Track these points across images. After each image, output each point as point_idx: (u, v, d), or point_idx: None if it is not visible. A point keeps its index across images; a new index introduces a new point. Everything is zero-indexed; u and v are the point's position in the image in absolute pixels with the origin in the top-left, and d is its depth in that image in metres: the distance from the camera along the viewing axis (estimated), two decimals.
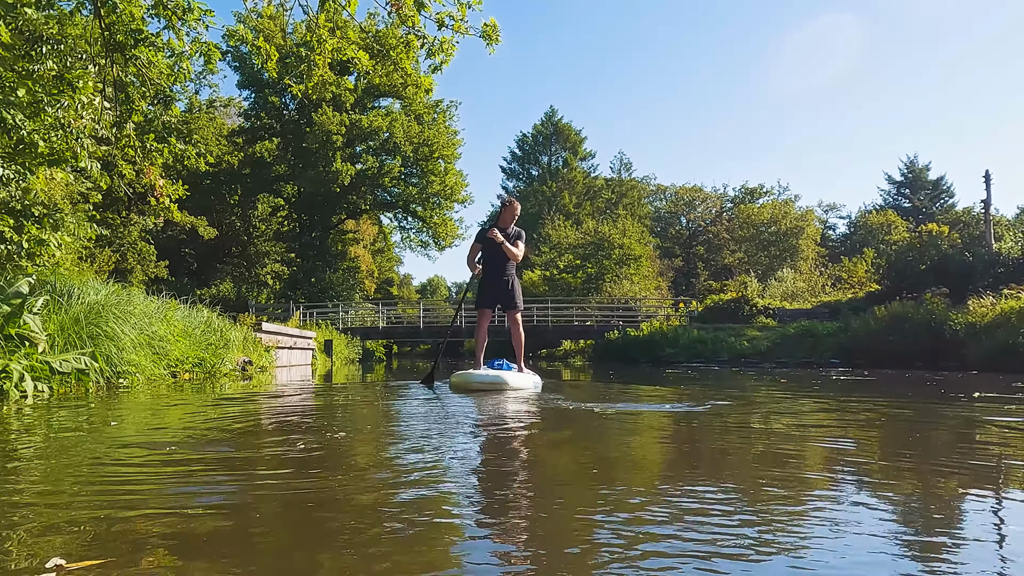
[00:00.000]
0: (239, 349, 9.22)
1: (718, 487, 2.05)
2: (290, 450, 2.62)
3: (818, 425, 3.73)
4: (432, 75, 6.84)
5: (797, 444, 3.01)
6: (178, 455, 2.44)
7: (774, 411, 4.36)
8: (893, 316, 12.91)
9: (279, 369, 11.76)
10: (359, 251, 46.65)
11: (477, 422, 3.70)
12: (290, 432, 3.18)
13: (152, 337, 5.98)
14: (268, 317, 27.29)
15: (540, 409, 4.36)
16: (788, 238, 49.52)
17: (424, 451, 2.66)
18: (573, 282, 35.93)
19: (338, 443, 2.87)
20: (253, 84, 32.24)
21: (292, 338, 13.37)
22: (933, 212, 58.10)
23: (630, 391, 6.43)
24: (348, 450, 2.73)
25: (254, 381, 8.02)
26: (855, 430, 3.50)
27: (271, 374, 10.04)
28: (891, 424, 3.81)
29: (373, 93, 30.78)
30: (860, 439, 3.15)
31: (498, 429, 3.48)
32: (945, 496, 1.99)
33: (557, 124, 58.13)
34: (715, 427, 3.57)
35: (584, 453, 2.79)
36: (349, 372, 14.33)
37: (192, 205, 34.98)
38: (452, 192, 30.94)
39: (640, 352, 21.16)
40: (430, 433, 3.18)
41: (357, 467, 2.36)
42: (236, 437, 3.04)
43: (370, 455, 2.64)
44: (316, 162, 28.99)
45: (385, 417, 4.08)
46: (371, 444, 2.95)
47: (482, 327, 6.61)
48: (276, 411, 4.27)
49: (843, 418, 4.07)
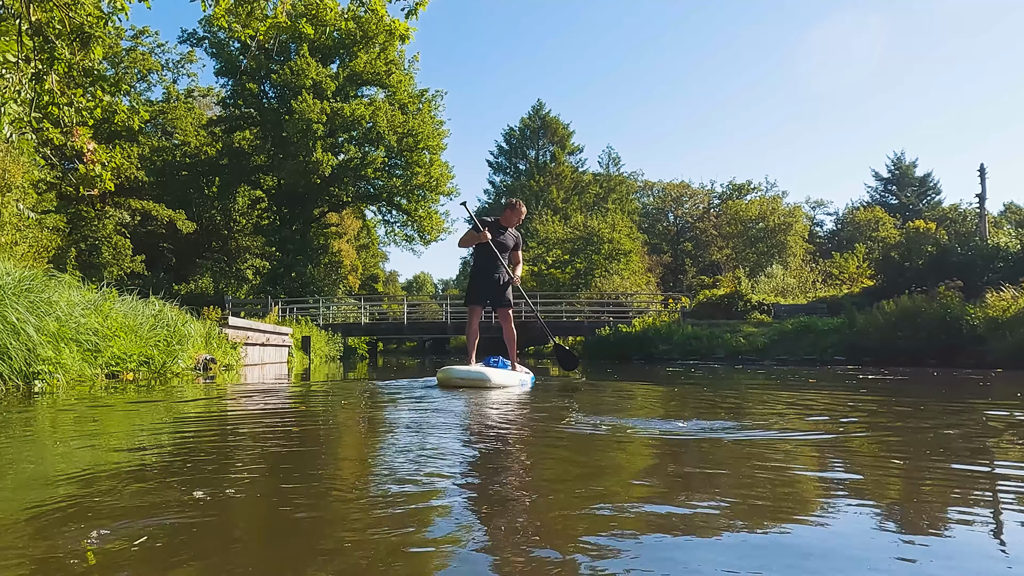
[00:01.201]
0: (201, 346, 8.33)
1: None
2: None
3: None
4: (408, 20, 6.00)
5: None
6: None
7: (939, 431, 3.16)
8: (903, 311, 12.25)
9: (249, 368, 10.87)
10: (342, 245, 45.57)
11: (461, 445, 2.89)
12: (186, 471, 2.15)
13: (81, 331, 5.11)
14: (246, 313, 26.32)
15: (543, 431, 3.54)
16: (776, 234, 49.22)
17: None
18: (562, 278, 35.18)
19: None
20: (231, 72, 31.14)
21: (265, 334, 12.46)
22: (920, 209, 58.14)
23: (652, 399, 5.61)
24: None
25: (217, 381, 7.18)
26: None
27: (238, 373, 9.19)
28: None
29: (356, 81, 29.73)
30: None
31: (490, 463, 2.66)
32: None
33: (545, 118, 57.33)
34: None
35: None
36: (329, 370, 13.53)
37: (170, 198, 33.93)
38: (437, 184, 29.97)
39: (633, 349, 20.44)
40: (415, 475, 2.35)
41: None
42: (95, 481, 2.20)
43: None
44: (296, 152, 27.94)
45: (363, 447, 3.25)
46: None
47: (473, 323, 6.52)
48: (202, 423, 3.43)
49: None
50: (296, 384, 7.34)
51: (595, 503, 1.69)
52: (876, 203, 59.92)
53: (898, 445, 2.81)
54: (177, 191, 32.22)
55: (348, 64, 29.71)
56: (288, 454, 2.53)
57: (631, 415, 3.85)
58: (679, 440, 2.78)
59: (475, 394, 5.11)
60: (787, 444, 2.72)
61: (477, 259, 6.53)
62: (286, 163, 28.22)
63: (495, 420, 3.60)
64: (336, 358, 23.38)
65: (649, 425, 3.31)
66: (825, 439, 2.88)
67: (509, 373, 6.21)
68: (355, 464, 2.44)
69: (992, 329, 10.50)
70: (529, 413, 4.07)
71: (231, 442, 2.85)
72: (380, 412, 4.08)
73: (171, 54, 31.82)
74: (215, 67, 31.57)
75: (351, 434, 3.29)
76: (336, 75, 29.04)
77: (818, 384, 6.80)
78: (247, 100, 31.17)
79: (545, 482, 2.07)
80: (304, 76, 27.27)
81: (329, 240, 36.21)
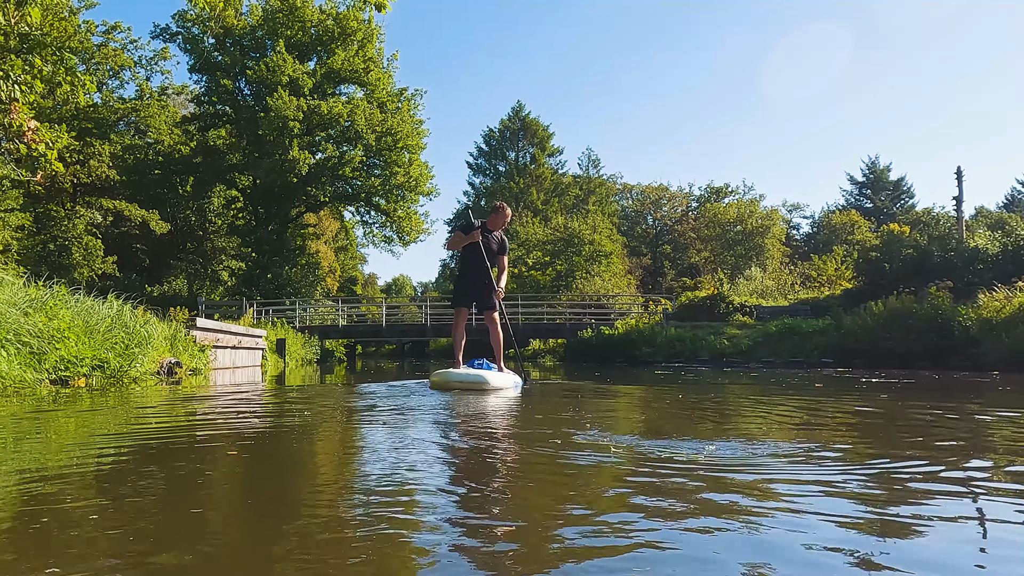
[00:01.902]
0: (165, 349, 7.82)
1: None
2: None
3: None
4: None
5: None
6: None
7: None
8: (892, 313, 12.08)
9: (220, 371, 10.35)
10: (320, 247, 44.79)
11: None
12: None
13: (21, 332, 4.61)
14: (220, 315, 25.59)
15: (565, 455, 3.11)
16: (754, 237, 49.51)
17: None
18: (542, 279, 34.89)
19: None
20: (205, 68, 30.35)
21: (236, 336, 11.91)
22: (894, 212, 58.88)
23: (676, 409, 5.22)
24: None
25: (184, 385, 6.71)
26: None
27: (207, 377, 8.70)
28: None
29: (333, 78, 29.09)
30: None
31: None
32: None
33: (524, 119, 57.03)
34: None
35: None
36: (306, 373, 13.09)
37: (144, 198, 33.01)
38: (417, 184, 29.42)
39: (616, 351, 20.17)
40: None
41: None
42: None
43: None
44: (272, 150, 27.24)
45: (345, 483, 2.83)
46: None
47: (459, 325, 6.52)
48: (123, 440, 3.00)
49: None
50: (269, 389, 6.89)
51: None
52: (851, 207, 60.61)
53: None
54: (150, 190, 31.37)
55: (325, 61, 29.10)
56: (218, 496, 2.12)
57: (664, 434, 3.15)
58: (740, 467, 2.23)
59: (479, 400, 4.89)
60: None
61: (464, 261, 6.50)
62: (262, 162, 27.52)
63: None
64: (313, 361, 22.81)
65: (690, 448, 2.57)
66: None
67: (505, 376, 6.21)
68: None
69: (986, 331, 10.33)
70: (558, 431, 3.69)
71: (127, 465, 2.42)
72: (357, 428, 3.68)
73: (144, 51, 30.96)
74: (188, 63, 30.75)
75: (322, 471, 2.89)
76: (313, 72, 28.40)
77: (828, 390, 6.49)
78: (221, 97, 30.41)
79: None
80: (280, 72, 26.62)
81: (306, 241, 35.48)
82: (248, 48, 29.53)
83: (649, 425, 3.74)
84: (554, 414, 4.11)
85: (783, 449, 2.57)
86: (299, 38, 29.09)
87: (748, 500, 1.74)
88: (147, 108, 31.65)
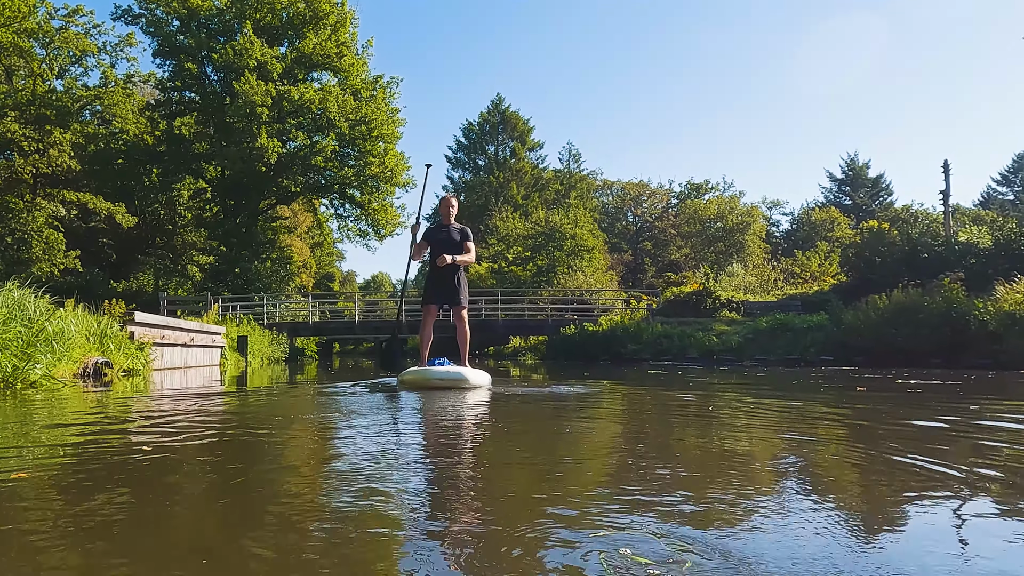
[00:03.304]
0: (91, 347, 6.75)
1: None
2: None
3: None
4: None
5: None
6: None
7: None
8: (899, 307, 11.32)
9: (167, 372, 9.29)
10: (294, 241, 43.35)
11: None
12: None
13: None
14: (183, 311, 24.29)
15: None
16: (734, 234, 49.24)
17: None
18: (523, 275, 33.97)
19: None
20: (169, 52, 28.88)
21: (188, 333, 10.79)
22: (873, 209, 59.03)
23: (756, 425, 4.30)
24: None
25: (113, 390, 5.70)
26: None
27: (145, 379, 7.67)
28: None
29: (304, 64, 27.75)
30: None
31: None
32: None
33: (504, 112, 56.01)
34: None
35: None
36: (274, 373, 12.14)
37: (110, 191, 31.46)
38: (393, 175, 28.23)
39: (599, 349, 19.33)
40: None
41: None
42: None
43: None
44: (239, 138, 25.91)
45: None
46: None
47: (427, 324, 6.55)
48: None
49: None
50: (214, 392, 5.87)
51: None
52: (831, 203, 60.75)
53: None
54: (114, 181, 29.87)
55: (296, 46, 27.80)
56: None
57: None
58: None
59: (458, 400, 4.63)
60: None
61: (432, 259, 6.48)
62: (229, 150, 26.16)
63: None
64: (281, 360, 21.66)
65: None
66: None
67: (480, 373, 6.30)
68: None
69: (1008, 325, 9.59)
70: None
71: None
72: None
73: (109, 36, 29.42)
74: (153, 47, 29.24)
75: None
76: (283, 56, 27.06)
77: (875, 394, 5.63)
78: (187, 82, 28.98)
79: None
80: (248, 56, 25.28)
81: (278, 235, 34.09)
82: (215, 31, 28.13)
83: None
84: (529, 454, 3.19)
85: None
86: (268, 21, 27.74)
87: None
88: (111, 96, 30.12)
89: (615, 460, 2.53)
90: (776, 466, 2.38)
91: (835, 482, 2.15)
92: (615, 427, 3.69)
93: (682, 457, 2.57)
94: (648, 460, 2.45)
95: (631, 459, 2.49)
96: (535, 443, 2.96)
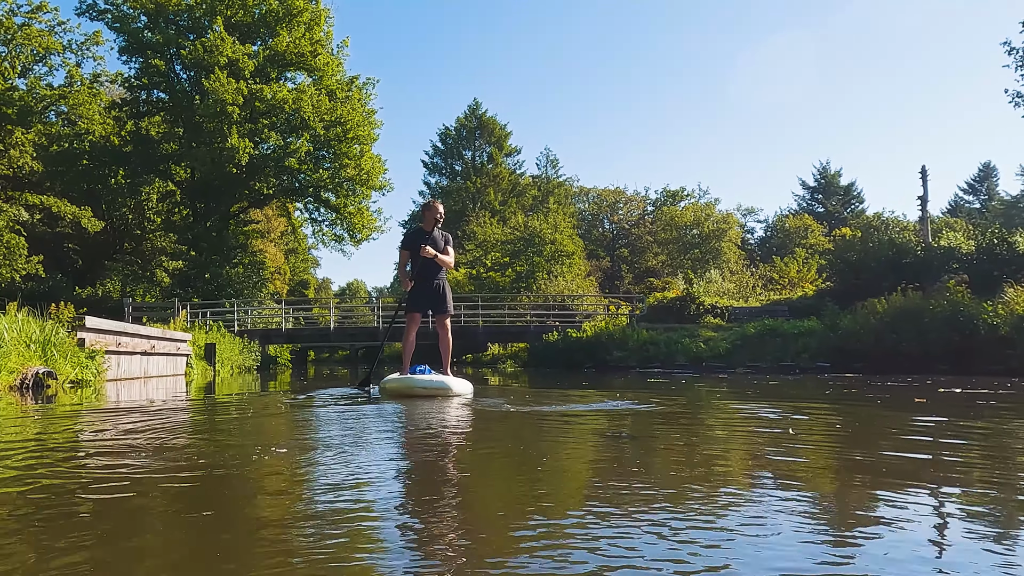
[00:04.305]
0: (33, 355, 6.00)
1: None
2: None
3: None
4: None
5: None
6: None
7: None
8: (900, 311, 10.95)
9: (124, 383, 8.51)
10: (268, 247, 42.20)
11: None
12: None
13: None
14: (148, 318, 23.22)
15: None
16: (710, 240, 49.28)
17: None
18: (501, 281, 33.39)
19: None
20: (137, 50, 27.80)
21: (149, 340, 9.99)
22: (845, 217, 59.63)
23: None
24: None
25: (58, 402, 4.99)
26: None
27: (98, 390, 6.92)
28: None
29: (278, 62, 26.84)
30: None
31: None
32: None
33: (481, 118, 55.52)
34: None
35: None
36: (245, 382, 11.46)
37: (76, 194, 30.16)
38: (369, 178, 27.43)
39: (584, 356, 18.79)
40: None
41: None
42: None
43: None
44: (209, 138, 24.94)
45: None
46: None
47: (411, 332, 6.48)
48: None
49: None
50: (173, 405, 5.17)
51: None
52: (804, 211, 61.26)
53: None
54: (78, 183, 28.62)
55: (269, 44, 26.92)
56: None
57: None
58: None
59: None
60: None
61: (415, 267, 6.43)
62: (198, 151, 25.17)
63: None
64: (253, 368, 20.75)
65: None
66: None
67: (462, 381, 6.25)
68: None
69: (1022, 330, 9.24)
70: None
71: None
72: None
73: (74, 34, 28.26)
74: (119, 44, 28.08)
75: None
76: (255, 54, 26.15)
77: (944, 404, 5.09)
78: (154, 80, 27.90)
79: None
80: (218, 53, 24.34)
81: (250, 239, 33.00)
82: (184, 28, 27.12)
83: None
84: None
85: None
86: (240, 18, 26.81)
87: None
88: (77, 96, 28.92)
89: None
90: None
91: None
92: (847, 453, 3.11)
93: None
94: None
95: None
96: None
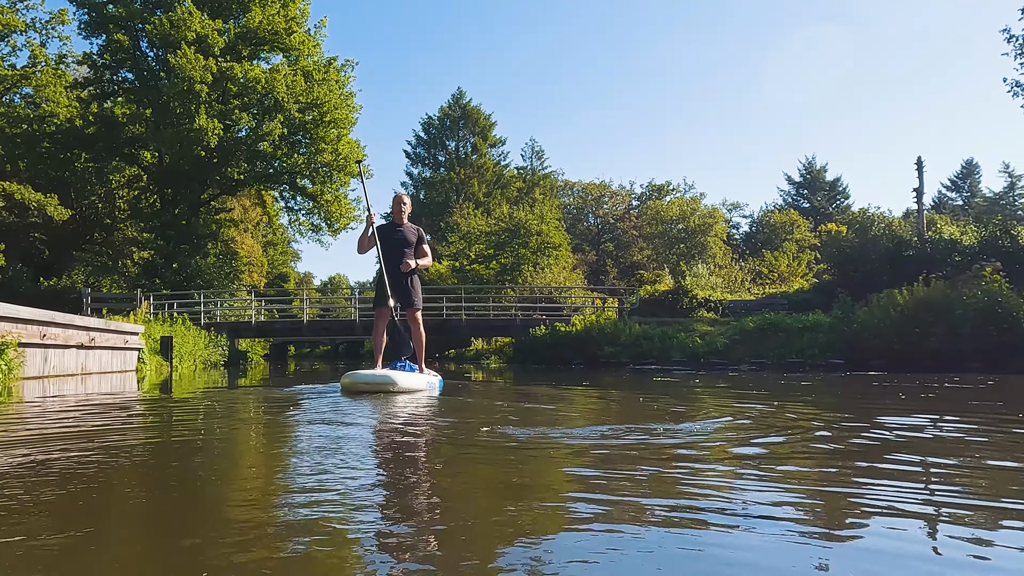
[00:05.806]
0: None
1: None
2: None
3: None
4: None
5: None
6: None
7: None
8: (925, 303, 10.03)
9: (52, 380, 7.34)
10: (244, 238, 40.65)
11: None
12: None
13: None
14: (108, 310, 21.82)
15: None
16: (696, 235, 48.65)
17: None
18: (486, 274, 32.29)
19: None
20: (100, 25, 26.21)
21: (87, 331, 8.77)
22: (831, 212, 59.29)
23: None
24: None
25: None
26: None
27: (8, 388, 5.80)
28: None
29: (250, 39, 25.31)
30: None
31: None
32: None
33: (466, 107, 54.22)
34: None
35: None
36: (209, 379, 10.25)
37: (43, 180, 28.55)
38: (346, 163, 26.14)
39: (572, 351, 17.76)
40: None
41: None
42: None
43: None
44: (176, 119, 23.50)
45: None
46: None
47: (379, 327, 6.36)
48: None
49: None
50: (84, 408, 4.04)
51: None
52: (789, 206, 60.89)
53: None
54: (43, 169, 27.02)
55: (241, 21, 25.46)
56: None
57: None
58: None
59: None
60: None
61: (383, 259, 6.24)
62: (164, 133, 23.73)
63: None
64: (219, 364, 19.47)
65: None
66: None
67: (417, 376, 6.06)
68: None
69: None
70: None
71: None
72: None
73: (38, 12, 26.67)
74: (81, 17, 26.48)
75: None
76: (226, 30, 24.67)
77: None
78: (119, 58, 26.34)
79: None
80: (186, 28, 22.89)
81: (222, 228, 31.54)
82: (151, 3, 25.56)
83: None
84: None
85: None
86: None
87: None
88: (41, 78, 27.27)
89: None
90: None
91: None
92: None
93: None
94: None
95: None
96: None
